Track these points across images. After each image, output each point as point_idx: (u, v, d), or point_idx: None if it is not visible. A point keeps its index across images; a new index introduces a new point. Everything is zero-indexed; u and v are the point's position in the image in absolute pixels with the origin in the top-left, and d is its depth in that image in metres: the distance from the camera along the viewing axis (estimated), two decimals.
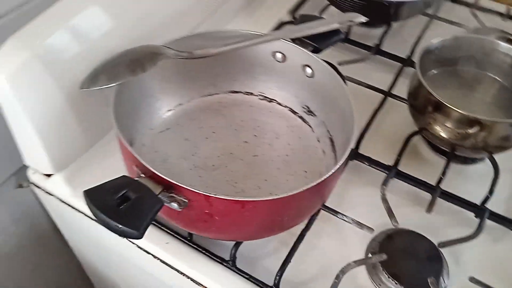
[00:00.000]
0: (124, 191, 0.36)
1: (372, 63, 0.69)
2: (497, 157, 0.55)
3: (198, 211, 0.39)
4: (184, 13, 0.60)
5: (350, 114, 0.47)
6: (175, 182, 0.37)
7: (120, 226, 0.34)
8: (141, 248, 0.49)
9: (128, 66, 0.46)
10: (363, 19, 0.55)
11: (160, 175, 0.38)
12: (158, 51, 0.48)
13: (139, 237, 0.34)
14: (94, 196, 0.35)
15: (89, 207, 0.35)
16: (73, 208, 0.53)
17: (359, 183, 0.56)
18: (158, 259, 0.49)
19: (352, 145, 0.43)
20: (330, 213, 0.50)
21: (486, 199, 0.51)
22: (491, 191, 0.51)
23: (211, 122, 0.56)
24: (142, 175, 0.39)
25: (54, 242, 0.75)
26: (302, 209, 0.42)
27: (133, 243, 0.50)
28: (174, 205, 0.39)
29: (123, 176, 0.38)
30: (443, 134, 0.52)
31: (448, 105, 0.50)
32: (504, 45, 0.56)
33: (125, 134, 0.46)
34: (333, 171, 0.40)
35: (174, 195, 0.38)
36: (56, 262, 0.79)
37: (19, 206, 0.67)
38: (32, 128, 0.47)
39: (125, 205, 0.35)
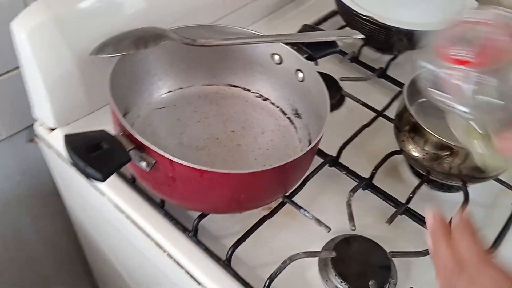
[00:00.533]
0: (99, 141, 0.41)
1: (374, 85, 0.73)
2: (472, 189, 0.56)
3: (163, 174, 0.43)
4: (205, 6, 0.66)
5: (325, 115, 0.50)
6: (144, 143, 0.42)
7: (87, 167, 0.38)
8: (116, 206, 0.54)
9: (133, 41, 0.51)
10: (360, 36, 0.58)
11: (134, 134, 0.42)
12: (163, 33, 0.53)
13: (101, 180, 0.39)
14: (72, 140, 0.40)
15: (65, 147, 0.40)
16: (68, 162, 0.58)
17: (332, 189, 0.58)
18: (130, 219, 0.53)
19: (314, 144, 0.46)
20: (294, 207, 0.52)
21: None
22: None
23: (205, 108, 0.60)
24: (121, 133, 0.44)
25: (53, 200, 0.81)
26: (259, 191, 0.46)
27: (112, 201, 0.54)
28: (143, 164, 0.43)
29: (103, 130, 0.42)
30: (417, 156, 0.54)
31: (425, 127, 0.53)
32: None
33: (121, 100, 0.51)
34: (292, 158, 0.43)
35: (144, 155, 0.43)
36: (53, 219, 0.85)
37: (27, 159, 0.74)
38: (42, 82, 0.53)
39: (97, 152, 0.40)
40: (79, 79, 0.55)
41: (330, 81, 0.69)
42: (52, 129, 0.59)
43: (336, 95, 0.69)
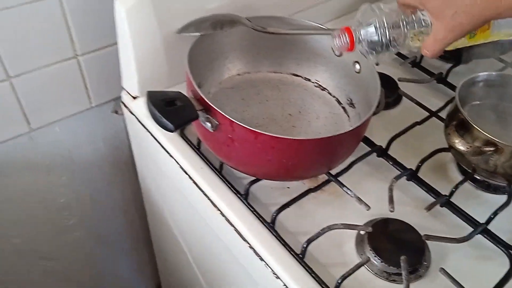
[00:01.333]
0: (175, 99, 0.48)
1: (431, 88, 0.75)
2: None
3: (224, 134, 0.50)
4: (280, 1, 0.72)
5: (375, 100, 0.54)
6: (212, 105, 0.49)
7: (162, 117, 0.46)
8: (182, 167, 0.61)
9: (211, 24, 0.59)
10: None
11: (204, 97, 0.49)
12: (238, 19, 0.60)
13: (172, 130, 0.46)
14: (153, 95, 0.48)
15: (146, 100, 0.48)
16: (145, 127, 0.67)
17: (377, 177, 0.62)
18: (192, 179, 0.60)
19: (361, 122, 0.51)
20: (338, 185, 0.57)
21: (489, 220, 0.55)
22: (495, 213, 0.54)
23: (267, 92, 0.66)
24: (193, 97, 0.51)
25: (127, 168, 0.92)
26: (305, 159, 0.51)
27: (178, 162, 0.62)
28: (208, 125, 0.50)
29: (179, 91, 0.50)
30: (461, 149, 0.56)
31: (471, 123, 0.55)
32: None
33: (195, 75, 0.59)
34: (338, 133, 0.48)
35: (209, 117, 0.50)
36: (124, 186, 0.95)
37: (109, 129, 0.84)
38: (133, 54, 0.62)
39: (172, 107, 0.47)
40: (164, 55, 0.64)
41: (388, 80, 0.73)
42: (135, 98, 0.68)
43: (394, 94, 0.72)
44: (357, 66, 0.61)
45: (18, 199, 0.80)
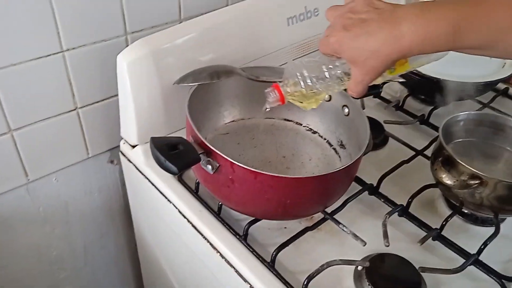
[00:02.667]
0: (177, 144, 0.51)
1: (415, 130, 0.80)
2: (506, 222, 0.61)
3: (224, 176, 0.52)
4: (271, 53, 0.77)
5: (365, 140, 0.57)
6: (213, 148, 0.51)
7: (166, 161, 0.48)
8: (180, 212, 0.63)
9: (209, 74, 0.63)
10: (401, 80, 0.67)
11: (204, 141, 0.52)
12: (233, 70, 0.64)
13: (176, 172, 0.48)
14: (156, 141, 0.51)
15: (150, 145, 0.50)
16: (143, 174, 0.69)
17: (371, 214, 0.64)
18: (191, 223, 0.61)
19: (354, 160, 0.54)
20: (334, 222, 0.59)
21: (479, 251, 0.57)
22: (485, 244, 0.57)
23: (262, 137, 0.70)
24: (194, 141, 0.54)
25: (120, 218, 0.92)
26: (303, 197, 0.53)
27: (176, 207, 0.63)
28: (209, 167, 0.52)
29: (181, 136, 0.53)
30: (448, 183, 0.59)
31: (456, 158, 0.59)
32: None
33: (193, 122, 0.62)
34: (333, 170, 0.51)
35: (210, 159, 0.52)
36: (117, 236, 0.95)
37: (105, 178, 0.86)
38: (133, 105, 0.65)
39: (174, 151, 0.50)
40: (162, 104, 0.67)
41: (374, 123, 0.77)
42: (133, 147, 0.71)
43: (380, 135, 0.76)
44: (346, 110, 0.65)
45: (13, 253, 0.80)
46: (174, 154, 0.49)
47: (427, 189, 0.64)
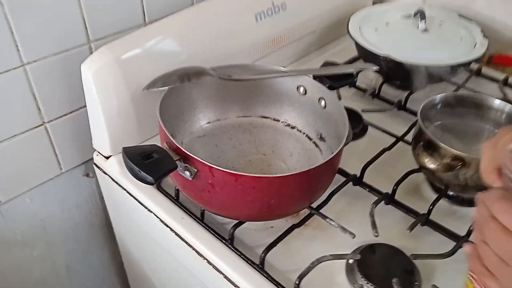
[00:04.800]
0: (151, 152, 0.49)
1: (393, 116, 0.79)
2: None
3: (204, 181, 0.50)
4: (240, 52, 0.75)
5: (345, 132, 0.56)
6: (189, 153, 0.49)
7: (140, 171, 0.46)
8: (162, 221, 0.60)
9: (178, 77, 0.60)
10: (374, 67, 0.66)
11: (180, 147, 0.50)
12: (204, 70, 0.62)
13: (153, 182, 0.46)
14: (129, 151, 0.48)
15: (123, 156, 0.48)
16: (120, 185, 0.66)
17: (357, 205, 0.63)
18: (174, 231, 0.59)
19: (336, 152, 0.52)
20: (321, 217, 0.58)
21: (469, 232, 0.56)
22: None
23: (239, 136, 0.68)
24: (169, 147, 0.52)
25: (102, 233, 0.89)
26: (287, 195, 0.51)
27: (157, 216, 0.61)
28: (187, 173, 0.50)
29: (155, 144, 0.50)
30: (432, 167, 0.59)
31: (437, 142, 0.58)
32: (497, 101, 0.63)
33: (168, 128, 0.60)
34: (315, 165, 0.50)
35: (188, 165, 0.50)
36: (101, 252, 0.92)
37: (82, 192, 0.83)
38: (102, 115, 0.62)
39: (149, 160, 0.48)
40: (133, 112, 0.64)
41: (352, 113, 0.76)
42: (107, 158, 0.68)
43: (359, 125, 0.75)
44: (323, 102, 0.64)
45: None
46: (149, 164, 0.47)
47: (411, 175, 0.64)
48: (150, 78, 0.62)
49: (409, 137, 0.71)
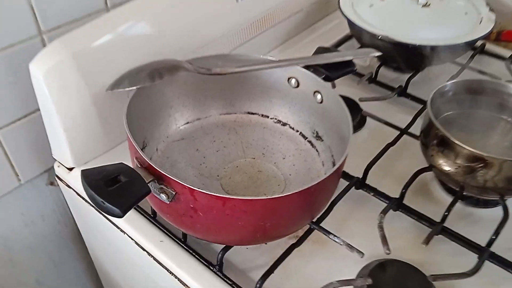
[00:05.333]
0: (117, 175, 0.39)
1: (394, 104, 0.71)
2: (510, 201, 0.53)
3: (184, 205, 0.41)
4: (219, 38, 0.66)
5: (348, 135, 0.48)
6: (164, 173, 0.40)
7: (105, 202, 0.37)
8: (137, 244, 0.52)
9: (148, 74, 0.51)
10: (377, 53, 0.57)
11: (153, 165, 0.41)
12: (178, 64, 0.53)
13: (121, 216, 0.37)
14: (89, 175, 0.39)
15: (82, 183, 0.38)
16: (87, 202, 0.57)
17: (361, 212, 0.56)
18: (152, 256, 0.51)
19: (338, 165, 0.44)
20: (323, 233, 0.50)
21: (491, 242, 0.50)
22: (496, 233, 0.49)
23: (224, 137, 0.59)
24: (139, 165, 0.43)
25: (75, 244, 0.80)
26: (285, 217, 0.43)
27: (132, 238, 0.52)
28: (163, 197, 0.41)
29: (121, 162, 0.41)
30: (448, 170, 0.51)
31: (454, 140, 0.50)
32: None
33: (138, 134, 0.50)
34: (316, 181, 0.41)
35: (164, 187, 0.41)
36: (75, 264, 0.83)
37: (48, 202, 0.73)
38: (59, 122, 0.52)
39: (115, 186, 0.38)
40: (96, 116, 0.55)
41: (349, 103, 0.67)
42: (71, 169, 0.58)
43: (357, 116, 0.67)
44: (319, 96, 0.55)
45: None
46: (115, 191, 0.38)
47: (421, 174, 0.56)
48: (114, 76, 0.52)
49: (415, 130, 0.63)
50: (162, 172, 0.40)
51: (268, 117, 0.61)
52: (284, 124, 0.60)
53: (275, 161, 0.57)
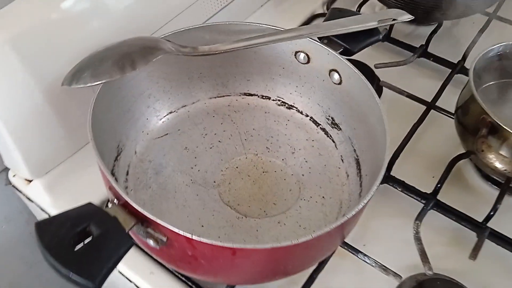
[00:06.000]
0: (85, 226, 0.29)
1: (415, 67, 0.60)
2: None
3: (180, 251, 0.31)
4: (194, 2, 0.52)
5: (382, 134, 0.37)
6: (151, 217, 0.30)
7: (71, 274, 0.26)
8: (123, 275, 0.42)
9: (116, 62, 0.38)
10: (409, 17, 0.45)
11: (134, 205, 0.30)
12: (154, 45, 0.40)
13: None
14: (46, 232, 0.28)
15: (38, 244, 0.28)
16: None
17: (388, 212, 0.47)
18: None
19: (382, 174, 0.34)
20: (349, 251, 0.41)
21: None
22: None
23: (217, 129, 0.48)
24: (115, 201, 0.32)
25: None
26: (311, 255, 0.34)
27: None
28: (150, 242, 0.31)
29: (89, 204, 0.30)
30: (497, 164, 0.42)
31: (507, 129, 0.40)
32: None
33: (110, 137, 0.39)
34: (354, 211, 0.31)
35: (151, 231, 0.31)
36: None
37: (12, 203, 0.62)
38: (5, 129, 0.40)
39: (83, 246, 0.28)
40: (52, 116, 0.42)
41: (363, 70, 0.56)
42: (30, 181, 0.47)
43: (372, 86, 0.56)
44: (336, 76, 0.44)
45: None
46: (84, 253, 0.27)
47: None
48: (69, 64, 0.39)
49: (444, 103, 0.53)
50: (146, 214, 0.30)
51: (269, 98, 0.50)
52: (290, 107, 0.49)
53: (283, 156, 0.46)
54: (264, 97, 0.50)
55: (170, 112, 0.48)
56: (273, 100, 0.50)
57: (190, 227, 0.40)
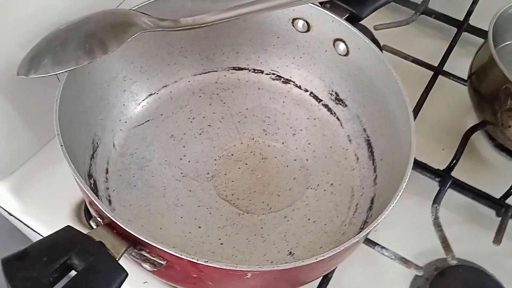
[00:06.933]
0: (66, 258, 0.23)
1: (417, 27, 0.54)
2: None
3: (183, 273, 0.27)
4: None
5: (403, 115, 0.33)
6: (145, 240, 0.24)
7: None
8: None
9: (82, 44, 0.31)
10: None
11: (124, 226, 0.25)
12: (126, 20, 0.33)
13: None
14: (18, 271, 0.22)
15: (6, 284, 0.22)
16: (27, 226, 0.40)
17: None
18: None
19: (409, 169, 0.29)
20: (368, 245, 0.37)
21: None
22: None
23: (205, 111, 0.42)
24: (100, 220, 0.26)
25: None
26: (332, 264, 0.30)
27: None
28: (146, 266, 0.26)
29: (68, 227, 0.25)
30: None
31: None
32: None
33: (85, 134, 0.33)
34: (375, 224, 0.27)
35: (146, 255, 0.26)
36: None
37: None
38: None
39: (65, 285, 0.23)
40: (10, 109, 0.35)
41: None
42: None
43: None
44: (342, 46, 0.38)
45: None
46: None
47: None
48: (24, 48, 0.32)
49: (451, 67, 0.49)
50: (140, 237, 0.24)
51: (262, 72, 0.44)
52: (287, 81, 0.44)
53: (282, 139, 0.41)
54: (256, 71, 0.44)
55: (150, 95, 0.41)
56: (267, 74, 0.44)
57: (186, 230, 0.35)
